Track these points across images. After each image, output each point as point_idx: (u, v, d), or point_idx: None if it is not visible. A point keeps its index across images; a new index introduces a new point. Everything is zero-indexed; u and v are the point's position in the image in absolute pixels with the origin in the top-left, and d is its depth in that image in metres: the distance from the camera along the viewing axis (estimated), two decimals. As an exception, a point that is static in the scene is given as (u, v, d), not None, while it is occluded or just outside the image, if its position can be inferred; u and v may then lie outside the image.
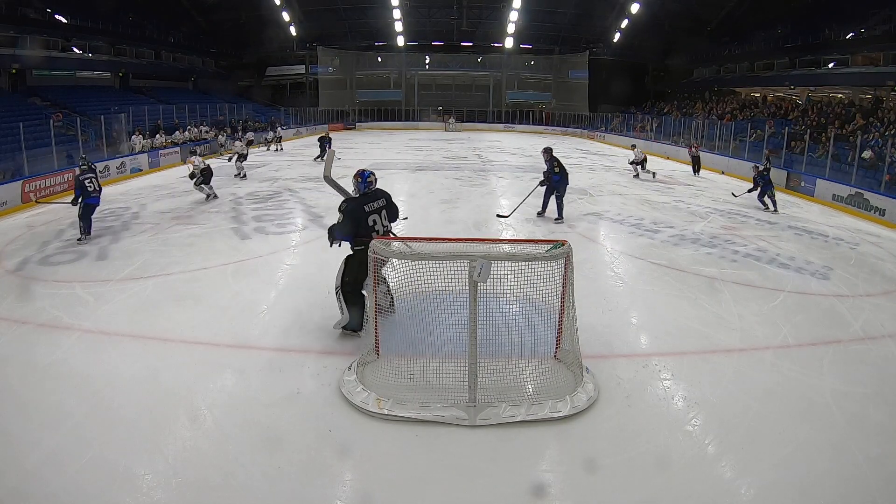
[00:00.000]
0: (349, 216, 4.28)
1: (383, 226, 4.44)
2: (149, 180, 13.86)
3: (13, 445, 3.22)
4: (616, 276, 6.64)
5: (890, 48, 17.96)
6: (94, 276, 6.15)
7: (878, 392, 3.97)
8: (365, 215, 4.32)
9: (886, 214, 10.34)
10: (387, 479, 3.02)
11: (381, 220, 4.43)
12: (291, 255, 7.33)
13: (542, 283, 3.71)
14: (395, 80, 35.44)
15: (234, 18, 30.46)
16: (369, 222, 4.34)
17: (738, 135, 18.69)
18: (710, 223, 9.41)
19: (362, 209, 4.33)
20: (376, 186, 4.56)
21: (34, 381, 3.92)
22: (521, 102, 35.58)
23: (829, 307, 5.62)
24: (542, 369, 3.88)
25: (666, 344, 4.69)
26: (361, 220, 4.30)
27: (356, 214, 4.29)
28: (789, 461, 3.20)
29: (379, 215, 4.42)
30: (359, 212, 4.31)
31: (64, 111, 17.66)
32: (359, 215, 4.30)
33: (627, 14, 29.12)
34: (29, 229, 8.51)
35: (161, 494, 2.88)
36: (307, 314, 5.08)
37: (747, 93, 26.02)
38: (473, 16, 32.21)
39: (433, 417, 3.47)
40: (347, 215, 4.28)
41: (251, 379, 3.99)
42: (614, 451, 3.25)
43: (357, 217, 4.29)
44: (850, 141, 14.46)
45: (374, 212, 4.39)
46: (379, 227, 4.40)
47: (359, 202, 4.38)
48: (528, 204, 9.26)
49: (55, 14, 21.02)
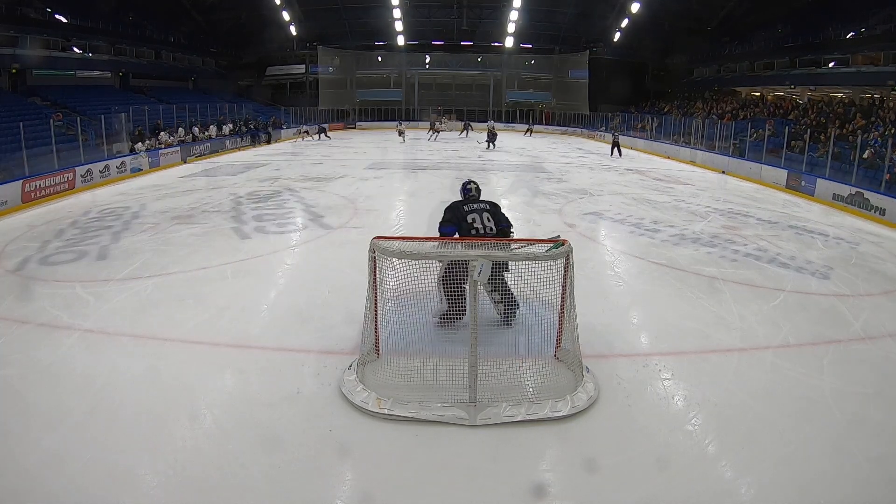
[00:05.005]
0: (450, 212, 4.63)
1: (484, 226, 4.56)
2: (149, 180, 13.87)
3: (13, 445, 3.22)
4: (616, 276, 6.64)
5: (890, 48, 17.94)
6: (95, 276, 6.15)
7: (878, 392, 3.97)
8: (464, 214, 4.56)
9: (887, 214, 10.33)
10: (387, 479, 3.02)
11: (481, 220, 4.57)
12: (291, 254, 7.33)
13: (542, 282, 3.71)
14: (396, 80, 35.40)
15: (234, 18, 30.44)
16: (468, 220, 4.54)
17: (739, 134, 18.68)
18: (711, 223, 9.41)
19: (462, 209, 4.60)
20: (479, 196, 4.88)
21: (34, 381, 3.92)
22: (521, 102, 35.57)
23: (829, 307, 5.61)
24: (542, 369, 3.88)
25: (666, 343, 4.69)
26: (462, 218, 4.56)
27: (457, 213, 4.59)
28: (789, 461, 3.20)
29: (480, 215, 4.58)
30: (459, 211, 4.59)
31: (64, 111, 17.64)
32: (459, 214, 4.57)
33: (627, 14, 29.07)
34: (29, 229, 8.51)
35: (161, 494, 2.88)
36: (307, 314, 5.09)
37: (747, 92, 26.00)
38: (473, 15, 32.20)
39: (433, 417, 3.46)
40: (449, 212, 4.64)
41: (251, 379, 3.99)
42: (614, 451, 3.25)
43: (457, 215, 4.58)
44: (850, 141, 14.46)
45: (473, 212, 4.60)
46: (479, 224, 4.55)
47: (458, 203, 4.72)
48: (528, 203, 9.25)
49: (55, 14, 21.00)
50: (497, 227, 4.58)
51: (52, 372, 4.04)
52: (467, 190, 4.86)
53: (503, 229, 4.61)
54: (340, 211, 9.71)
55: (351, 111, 34.28)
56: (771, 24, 25.10)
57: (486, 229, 4.50)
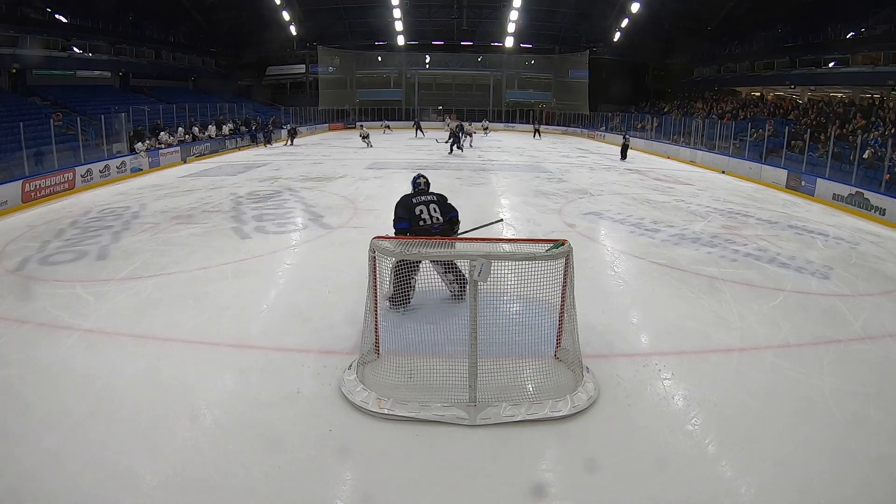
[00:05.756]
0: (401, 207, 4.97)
1: (431, 216, 4.91)
2: (149, 180, 13.87)
3: (13, 445, 3.22)
4: (616, 276, 6.64)
5: (890, 48, 17.95)
6: (95, 276, 6.15)
7: (878, 392, 3.97)
8: (413, 207, 4.92)
9: (887, 214, 10.33)
10: (387, 479, 3.02)
11: (428, 211, 4.92)
12: (291, 254, 7.33)
13: (542, 282, 3.71)
14: (396, 80, 35.44)
15: (234, 18, 30.46)
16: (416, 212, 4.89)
17: (739, 134, 18.69)
18: (711, 223, 9.41)
19: (411, 202, 4.95)
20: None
21: (34, 381, 3.91)
22: (521, 102, 35.57)
23: (829, 307, 5.61)
24: (542, 369, 3.88)
25: (666, 343, 4.69)
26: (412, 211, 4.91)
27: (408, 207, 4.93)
28: (789, 461, 3.20)
29: (426, 207, 4.93)
30: (409, 205, 4.93)
31: (64, 111, 17.65)
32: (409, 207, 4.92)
33: (627, 13, 29.11)
34: (29, 229, 8.51)
35: (161, 494, 2.88)
36: (307, 314, 5.08)
37: (747, 92, 26.02)
38: (473, 15, 32.21)
39: (433, 417, 3.46)
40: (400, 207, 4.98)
41: (251, 379, 3.99)
42: (614, 451, 3.25)
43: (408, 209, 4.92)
44: (850, 141, 14.46)
45: (420, 204, 4.94)
46: (426, 216, 4.89)
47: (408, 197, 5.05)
48: (528, 203, 9.25)
49: (55, 14, 21.01)
50: (444, 217, 4.93)
51: (52, 372, 4.04)
52: (417, 184, 5.24)
53: (451, 219, 4.99)
54: (340, 211, 9.71)
55: (351, 111, 34.28)
56: (771, 24, 25.11)
57: (432, 219, 4.88)
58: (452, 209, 5.05)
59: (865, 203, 10.98)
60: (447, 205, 5.04)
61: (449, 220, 4.96)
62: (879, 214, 10.50)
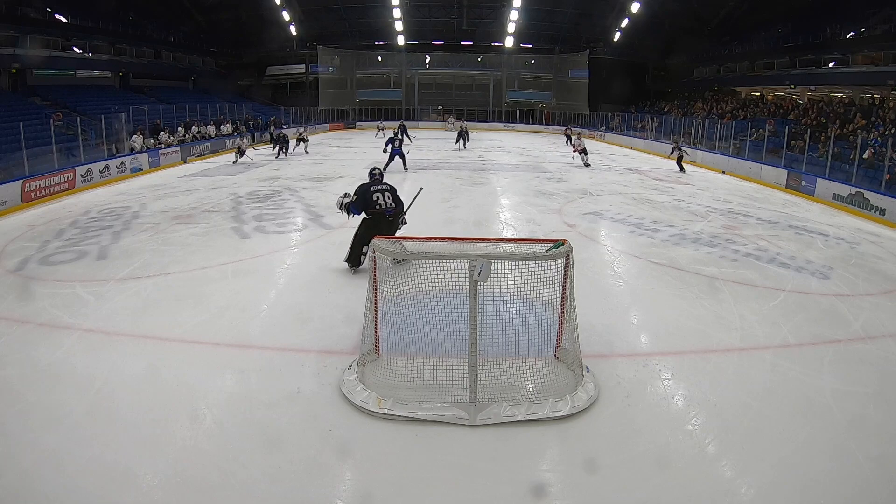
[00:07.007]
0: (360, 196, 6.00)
1: (386, 202, 5.98)
2: (149, 180, 13.86)
3: (13, 445, 3.22)
4: (616, 276, 6.64)
5: (890, 48, 17.93)
6: (95, 276, 6.15)
7: (878, 392, 3.97)
8: (371, 194, 5.96)
9: (887, 214, 10.33)
10: (387, 479, 3.02)
11: (384, 198, 5.98)
12: (291, 254, 7.33)
13: (542, 282, 3.71)
14: (396, 80, 35.39)
15: (235, 18, 30.42)
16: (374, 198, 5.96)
17: (739, 134, 18.68)
18: (711, 223, 9.41)
19: (370, 190, 5.98)
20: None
21: (34, 381, 3.91)
22: (521, 102, 35.56)
23: (829, 307, 5.61)
24: (542, 369, 3.88)
25: (666, 343, 4.69)
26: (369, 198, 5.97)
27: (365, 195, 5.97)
28: (789, 461, 3.20)
29: (382, 195, 5.99)
30: (367, 193, 5.96)
31: (64, 111, 17.63)
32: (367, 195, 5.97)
33: (627, 13, 29.07)
34: (29, 229, 8.51)
35: (161, 494, 2.88)
36: (307, 314, 5.09)
37: (748, 92, 26.00)
38: (473, 15, 32.17)
39: (433, 417, 3.46)
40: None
41: (251, 379, 3.99)
42: (614, 451, 3.25)
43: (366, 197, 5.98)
44: (850, 141, 14.45)
45: (378, 191, 5.99)
46: (382, 202, 5.96)
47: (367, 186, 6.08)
48: (528, 203, 9.24)
49: (55, 14, 21.00)
50: (395, 204, 6.05)
51: (52, 372, 4.04)
52: (373, 175, 6.38)
53: (398, 208, 6.12)
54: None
55: (351, 111, 34.26)
56: (771, 24, 25.10)
57: (387, 205, 5.98)
58: (400, 201, 6.18)
59: (865, 203, 10.97)
60: (397, 196, 6.18)
61: (398, 208, 6.12)
62: (879, 214, 10.50)
